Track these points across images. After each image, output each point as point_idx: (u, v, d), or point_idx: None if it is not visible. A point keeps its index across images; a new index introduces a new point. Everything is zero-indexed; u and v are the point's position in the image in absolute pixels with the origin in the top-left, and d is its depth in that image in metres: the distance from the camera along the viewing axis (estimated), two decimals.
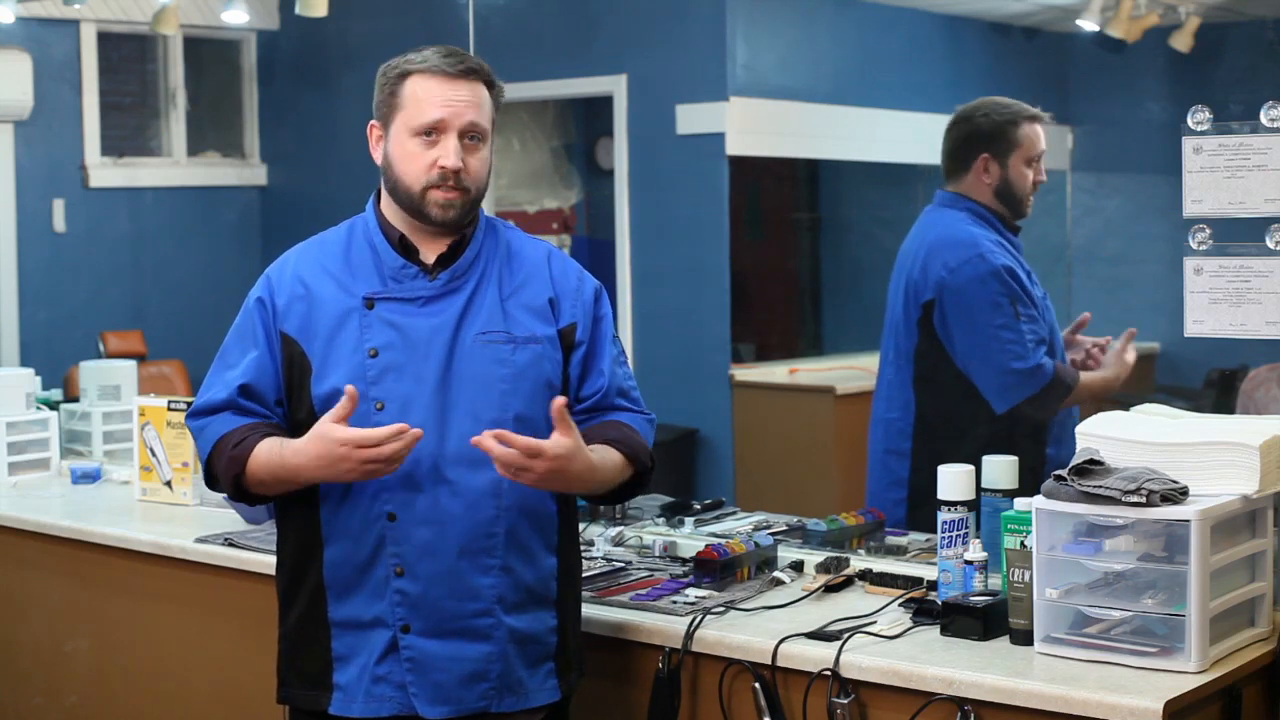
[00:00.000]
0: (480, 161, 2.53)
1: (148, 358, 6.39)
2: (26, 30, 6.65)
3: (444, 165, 2.48)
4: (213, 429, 2.55)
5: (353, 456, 2.36)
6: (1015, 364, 3.49)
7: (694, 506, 3.52)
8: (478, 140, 2.52)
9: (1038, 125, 3.63)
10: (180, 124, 7.37)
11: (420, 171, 2.50)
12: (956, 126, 3.68)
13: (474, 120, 2.50)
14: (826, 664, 2.50)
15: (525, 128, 7.18)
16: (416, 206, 2.52)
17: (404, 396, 2.47)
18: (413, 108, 2.50)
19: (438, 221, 2.52)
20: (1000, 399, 3.51)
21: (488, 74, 2.56)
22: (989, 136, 3.62)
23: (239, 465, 2.50)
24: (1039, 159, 3.63)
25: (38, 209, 6.93)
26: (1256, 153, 2.71)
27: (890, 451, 3.71)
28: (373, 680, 2.50)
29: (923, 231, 3.70)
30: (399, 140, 2.52)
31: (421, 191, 2.50)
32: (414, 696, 2.49)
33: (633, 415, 2.62)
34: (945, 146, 3.70)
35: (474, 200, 2.54)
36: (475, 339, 2.50)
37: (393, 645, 2.49)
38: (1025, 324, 3.49)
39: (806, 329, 7.30)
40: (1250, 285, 2.74)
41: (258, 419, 2.54)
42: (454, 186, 2.49)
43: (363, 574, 2.50)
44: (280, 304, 2.55)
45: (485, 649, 2.49)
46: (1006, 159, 3.61)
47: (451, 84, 2.50)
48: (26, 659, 3.87)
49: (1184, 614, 2.33)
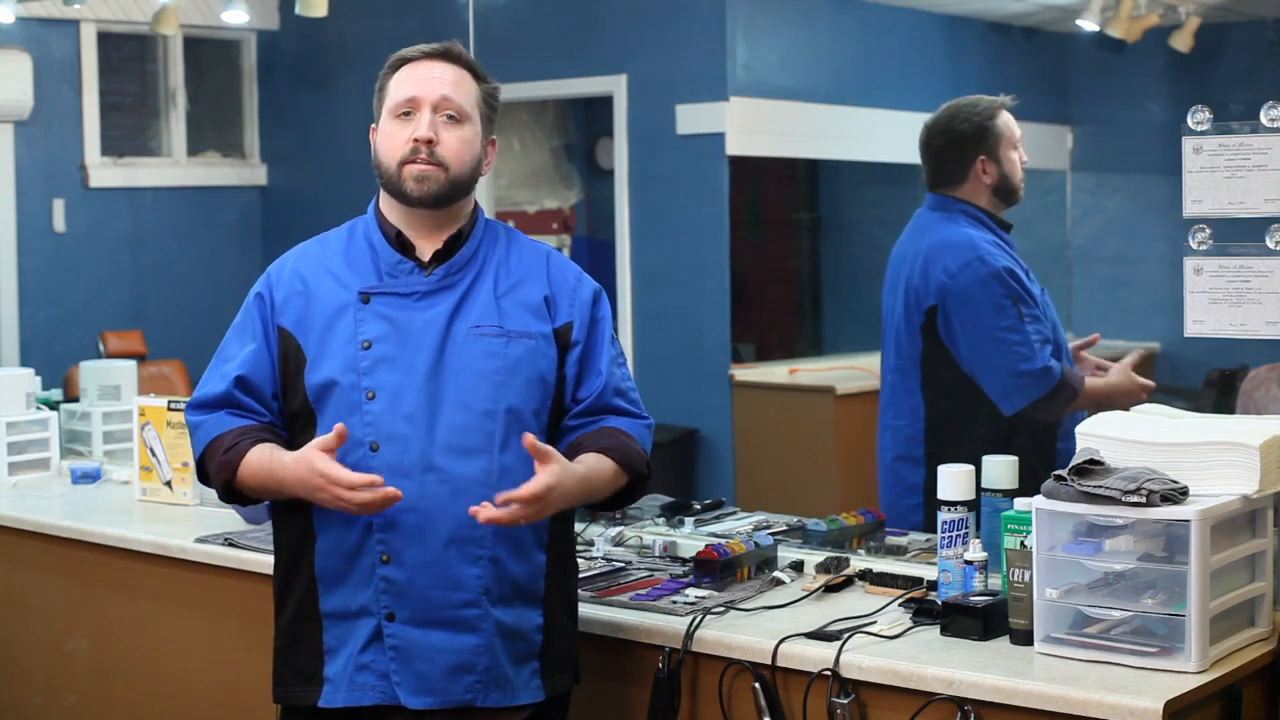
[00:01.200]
0: (460, 140, 2.54)
1: (148, 358, 6.38)
2: (26, 30, 6.65)
3: (415, 137, 2.51)
4: (206, 429, 2.57)
5: (327, 489, 2.40)
6: (1023, 365, 3.48)
7: (694, 506, 3.52)
8: (455, 119, 2.54)
9: (1006, 112, 3.66)
10: (180, 124, 7.37)
11: (397, 148, 2.53)
12: (941, 136, 3.68)
13: (446, 94, 2.53)
14: (826, 664, 2.50)
15: (525, 128, 7.17)
16: (395, 185, 2.54)
17: (395, 386, 2.48)
18: (392, 92, 2.56)
19: (415, 197, 2.53)
20: (1008, 401, 3.50)
21: (472, 63, 2.60)
22: (977, 137, 3.63)
23: (229, 471, 2.53)
24: (1019, 141, 3.66)
25: (38, 209, 6.93)
26: (1256, 153, 2.71)
27: (902, 459, 3.70)
28: (356, 669, 2.50)
29: (917, 236, 3.69)
30: (383, 127, 2.57)
31: (398, 167, 2.53)
32: (397, 686, 2.48)
33: (630, 421, 2.61)
34: (931, 159, 3.70)
35: (454, 180, 2.54)
36: (468, 332, 2.51)
37: (377, 633, 2.49)
38: (1030, 325, 3.49)
39: (806, 329, 7.30)
40: (1250, 285, 2.74)
41: (252, 418, 2.56)
42: (429, 160, 2.51)
43: (351, 562, 2.50)
44: (278, 299, 2.58)
45: (473, 640, 2.48)
46: (998, 154, 3.62)
47: (427, 64, 2.56)
48: (26, 659, 3.87)
49: (1184, 614, 2.33)
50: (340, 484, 2.38)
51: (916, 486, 3.65)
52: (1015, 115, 3.69)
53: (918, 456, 3.66)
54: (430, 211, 2.56)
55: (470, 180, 2.58)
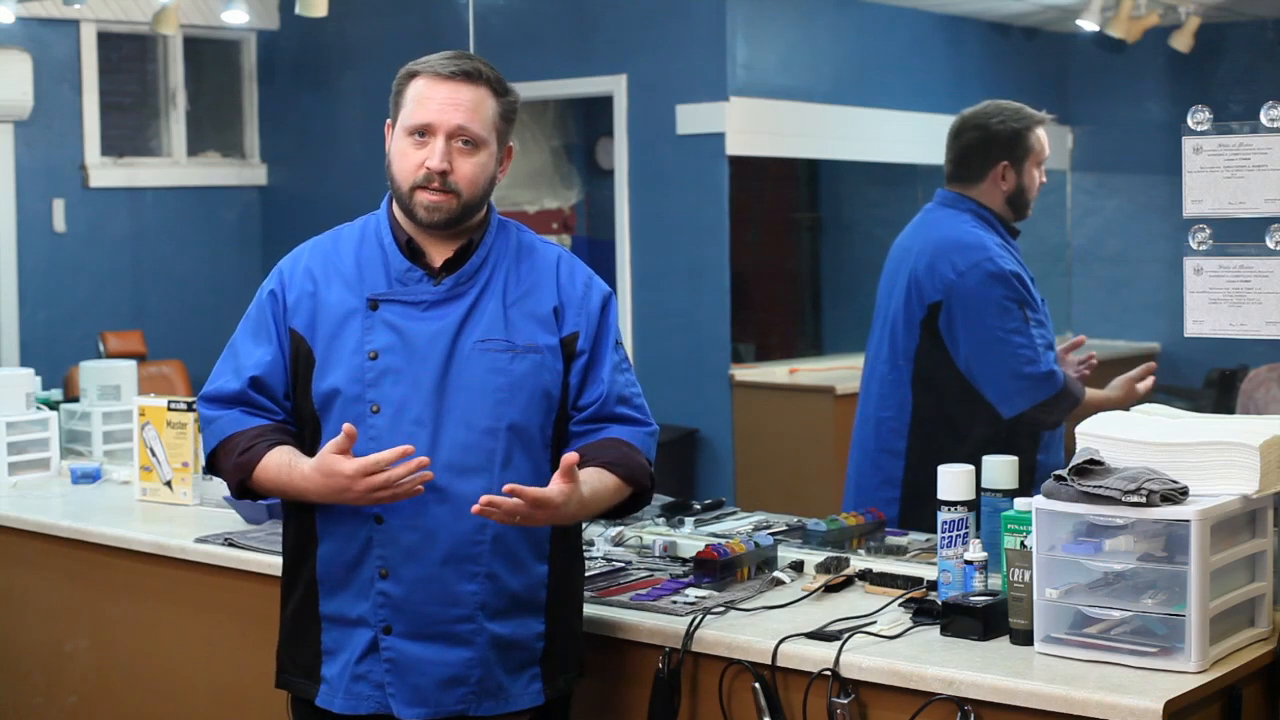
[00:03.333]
0: (474, 166, 2.53)
1: (148, 358, 6.38)
2: (26, 30, 6.65)
3: (429, 166, 2.49)
4: (220, 426, 2.58)
5: (353, 486, 2.39)
6: (1026, 369, 3.47)
7: (694, 506, 3.52)
8: (471, 145, 2.52)
9: (1043, 129, 3.63)
10: (180, 124, 7.37)
11: (409, 170, 2.52)
12: (969, 132, 3.63)
13: (462, 124, 2.50)
14: (826, 664, 2.50)
15: (525, 128, 7.17)
16: (406, 206, 2.54)
17: (400, 401, 2.49)
18: (409, 107, 2.53)
19: (425, 223, 2.53)
20: (1008, 404, 3.49)
21: (492, 79, 2.56)
22: (1007, 144, 3.59)
23: (244, 472, 2.54)
24: (1044, 161, 3.64)
25: (38, 209, 6.92)
26: (1256, 153, 2.71)
27: (883, 450, 3.69)
28: (353, 678, 2.52)
29: (925, 230, 3.67)
30: (397, 139, 2.56)
31: (410, 191, 2.52)
32: (391, 697, 2.50)
33: (634, 430, 2.60)
34: (956, 151, 3.65)
35: (466, 205, 2.53)
36: (474, 346, 2.51)
37: (373, 645, 2.51)
38: (1035, 329, 3.48)
39: (806, 329, 7.30)
40: (1250, 285, 2.74)
41: (266, 416, 2.57)
42: (440, 189, 2.50)
43: (350, 572, 2.52)
44: (290, 300, 2.58)
45: (465, 654, 2.50)
46: (1022, 165, 3.59)
47: (447, 85, 2.51)
48: (26, 659, 3.87)
49: (1184, 614, 2.33)
50: (364, 469, 2.37)
51: (895, 480, 3.65)
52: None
53: (899, 450, 3.65)
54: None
55: (483, 200, 2.58)
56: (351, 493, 2.40)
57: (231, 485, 2.59)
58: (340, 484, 2.40)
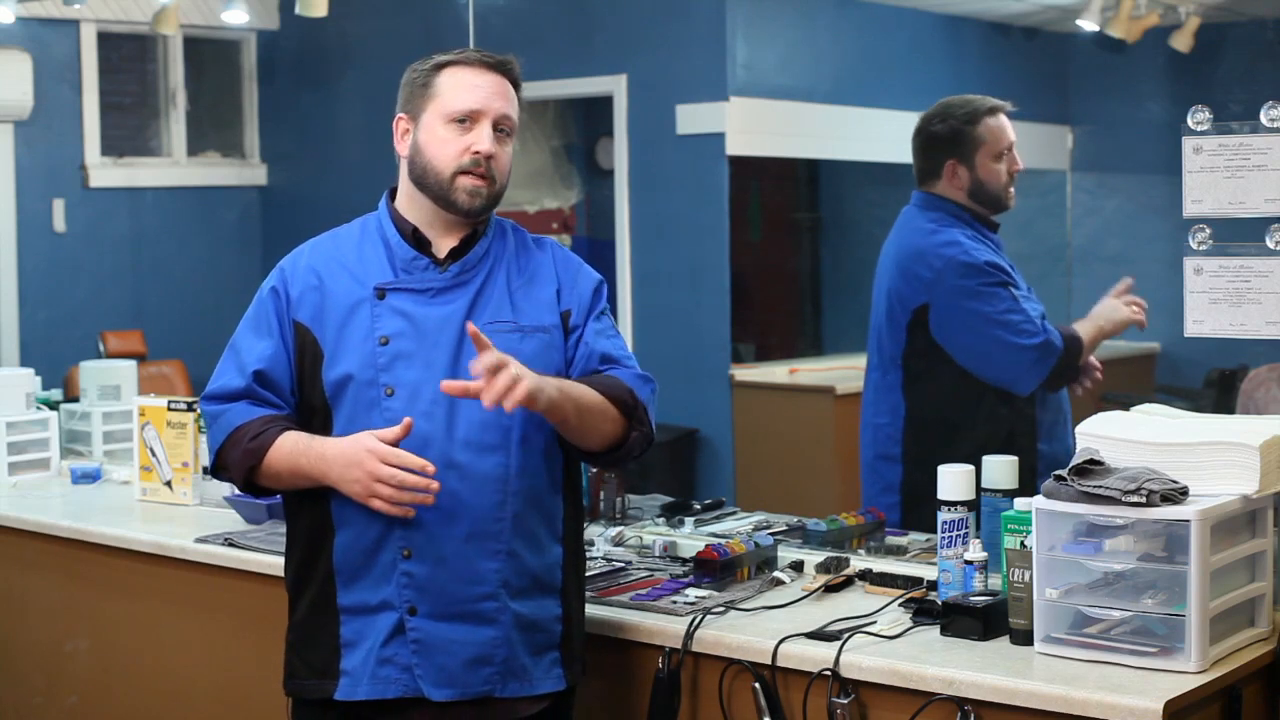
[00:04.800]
0: (507, 156, 2.60)
1: (148, 358, 6.38)
2: (26, 30, 6.65)
3: (478, 150, 2.53)
4: (228, 418, 2.58)
5: (366, 464, 2.41)
6: (1027, 341, 3.47)
7: (694, 506, 3.52)
8: (506, 134, 2.58)
9: (1000, 116, 3.61)
10: (180, 124, 7.36)
11: (453, 156, 2.54)
12: (918, 135, 3.68)
13: (507, 112, 2.57)
14: (826, 664, 2.50)
15: (525, 128, 7.12)
16: (445, 192, 2.55)
17: (413, 383, 2.51)
18: (448, 95, 2.56)
19: (464, 209, 2.55)
20: (1021, 382, 3.49)
21: (516, 75, 2.62)
22: (949, 141, 3.61)
23: (255, 458, 2.54)
24: (1009, 150, 3.61)
25: (38, 209, 6.92)
26: (1256, 153, 2.71)
27: (880, 457, 3.70)
28: (379, 662, 2.52)
29: (899, 234, 3.70)
30: (430, 129, 2.57)
31: (452, 176, 2.54)
32: (420, 679, 2.51)
33: (620, 370, 2.61)
34: (914, 153, 3.69)
35: (498, 193, 2.59)
36: (484, 328, 2.52)
37: (399, 628, 2.51)
38: (1025, 304, 3.49)
39: (806, 329, 7.29)
40: (1250, 285, 2.74)
41: (272, 410, 2.57)
42: (483, 175, 2.54)
43: (371, 558, 2.52)
44: (294, 294, 2.59)
45: (490, 633, 2.51)
46: (973, 159, 3.59)
47: (490, 75, 2.58)
48: (26, 659, 3.87)
49: (1184, 614, 2.33)
50: (390, 460, 2.39)
51: (894, 485, 3.65)
52: (1014, 117, 3.66)
53: (895, 455, 3.66)
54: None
55: (504, 191, 2.63)
56: (361, 468, 2.41)
57: (239, 475, 2.58)
58: (361, 456, 2.41)
